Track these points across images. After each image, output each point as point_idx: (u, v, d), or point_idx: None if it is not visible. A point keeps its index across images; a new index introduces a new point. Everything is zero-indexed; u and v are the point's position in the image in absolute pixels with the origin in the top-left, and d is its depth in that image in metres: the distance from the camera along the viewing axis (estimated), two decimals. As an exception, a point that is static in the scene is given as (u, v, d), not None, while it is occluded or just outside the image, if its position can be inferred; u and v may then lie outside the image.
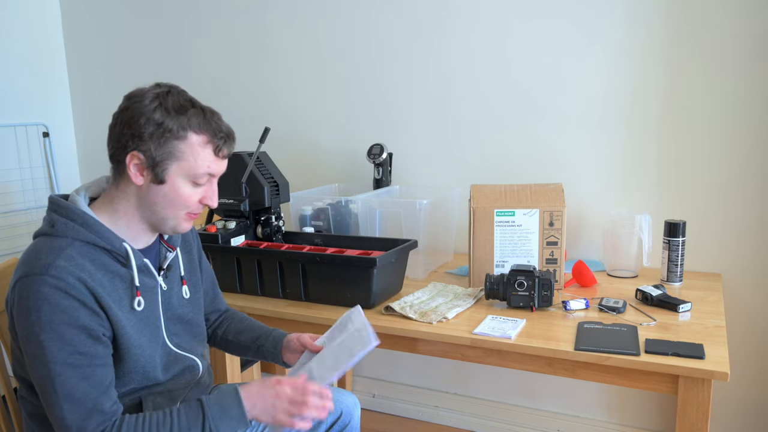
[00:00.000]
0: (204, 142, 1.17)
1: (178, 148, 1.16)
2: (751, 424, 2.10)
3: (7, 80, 2.73)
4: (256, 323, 1.51)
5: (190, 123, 1.16)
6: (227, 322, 1.52)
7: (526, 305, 1.67)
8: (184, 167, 1.17)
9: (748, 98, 1.93)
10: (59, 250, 1.11)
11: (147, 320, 1.23)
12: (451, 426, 2.49)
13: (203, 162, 1.18)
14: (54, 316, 1.08)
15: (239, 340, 1.48)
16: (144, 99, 1.16)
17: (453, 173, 2.34)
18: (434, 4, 2.25)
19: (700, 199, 2.03)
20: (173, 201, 1.18)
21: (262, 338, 1.45)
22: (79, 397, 1.10)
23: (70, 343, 1.09)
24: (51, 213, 1.18)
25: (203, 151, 1.17)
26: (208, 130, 1.18)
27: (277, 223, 1.99)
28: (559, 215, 1.80)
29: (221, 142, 1.19)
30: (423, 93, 2.33)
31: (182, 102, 1.17)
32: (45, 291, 1.08)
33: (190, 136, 1.16)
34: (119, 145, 1.17)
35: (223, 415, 1.16)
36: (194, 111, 1.17)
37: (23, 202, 2.80)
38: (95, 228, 1.16)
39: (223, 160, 1.22)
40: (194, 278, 1.39)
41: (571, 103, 2.13)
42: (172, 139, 1.15)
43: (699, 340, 1.45)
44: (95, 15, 2.89)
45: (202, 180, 1.20)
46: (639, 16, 2.00)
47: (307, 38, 2.48)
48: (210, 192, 1.23)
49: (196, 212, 1.24)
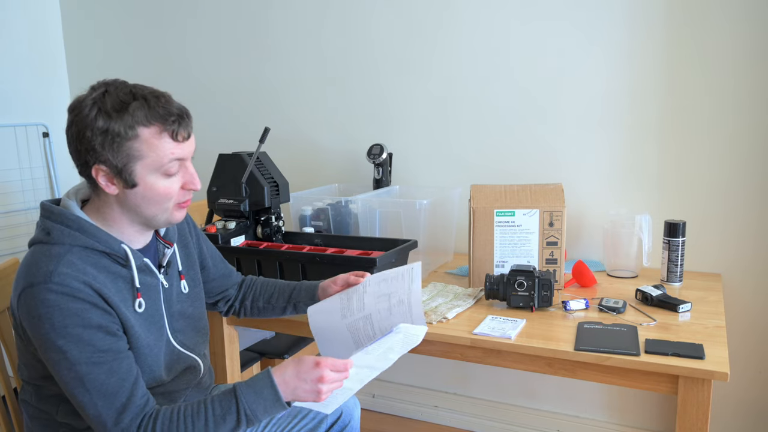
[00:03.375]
0: (157, 133, 1.12)
1: (134, 148, 1.11)
2: (751, 424, 2.10)
3: (7, 80, 2.73)
4: (280, 283, 1.51)
5: (136, 118, 1.10)
6: (252, 291, 1.52)
7: (526, 305, 1.67)
8: (148, 164, 1.13)
9: (748, 98, 1.93)
10: (59, 257, 1.10)
11: (152, 319, 1.23)
12: (451, 426, 2.49)
13: (164, 152, 1.13)
14: (67, 320, 1.07)
15: (272, 304, 1.49)
16: (83, 109, 1.11)
17: (453, 173, 2.34)
18: (435, 5, 2.25)
19: (700, 199, 2.03)
20: (153, 199, 1.16)
21: (294, 294, 1.46)
22: (111, 391, 1.10)
23: (89, 343, 1.09)
24: (45, 220, 1.16)
25: (160, 141, 1.12)
26: (156, 118, 1.11)
27: (277, 224, 1.99)
28: (559, 215, 1.80)
29: (175, 125, 1.13)
30: (423, 93, 2.33)
31: (121, 98, 1.11)
32: (52, 298, 1.07)
33: (141, 131, 1.11)
34: (80, 161, 1.14)
35: (256, 398, 1.13)
36: (136, 104, 1.11)
37: (23, 202, 2.80)
38: (92, 232, 1.14)
39: (185, 143, 1.16)
40: (192, 272, 1.38)
41: (571, 104, 2.13)
42: (124, 141, 1.10)
43: (699, 340, 1.45)
44: (95, 15, 2.89)
45: (172, 170, 1.15)
46: (639, 17, 2.00)
47: (307, 38, 2.48)
48: (188, 176, 1.19)
49: (184, 199, 1.21)
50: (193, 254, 1.41)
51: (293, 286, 1.49)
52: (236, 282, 1.56)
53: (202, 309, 1.39)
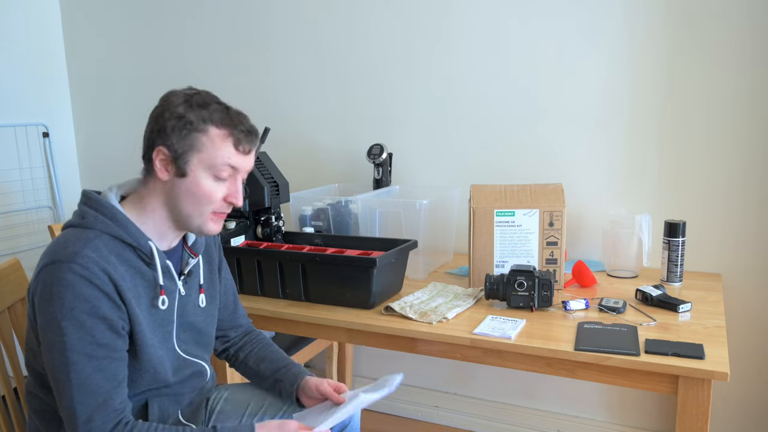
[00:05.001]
0: (224, 135, 1.18)
1: (199, 140, 1.17)
2: (751, 424, 2.10)
3: (7, 80, 2.73)
4: (279, 353, 1.48)
5: (212, 117, 1.18)
6: (250, 347, 1.49)
7: (526, 305, 1.67)
8: (204, 159, 1.17)
9: (748, 98, 1.93)
10: (87, 241, 1.13)
11: (161, 321, 1.23)
12: (451, 426, 2.50)
13: (223, 154, 1.18)
14: (76, 303, 1.09)
15: (259, 368, 1.45)
16: (172, 97, 1.19)
17: (453, 173, 2.34)
18: (435, 5, 2.25)
19: (700, 199, 2.03)
20: (195, 195, 1.18)
21: (281, 372, 1.42)
22: (91, 388, 1.10)
23: (89, 333, 1.10)
24: (82, 206, 1.20)
25: (223, 143, 1.18)
26: (228, 124, 1.19)
27: (277, 224, 1.99)
28: (559, 215, 1.80)
29: (242, 135, 1.19)
30: (423, 93, 2.33)
31: (207, 99, 1.20)
32: (69, 278, 1.09)
33: (210, 129, 1.17)
34: (148, 143, 1.20)
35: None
36: (217, 107, 1.20)
37: (23, 202, 2.80)
38: (123, 223, 1.17)
39: (245, 156, 1.21)
40: (212, 289, 1.38)
41: (571, 103, 2.13)
42: (193, 131, 1.16)
43: (699, 341, 1.45)
44: (95, 15, 2.89)
45: (223, 173, 1.19)
46: (638, 16, 2.00)
47: (307, 38, 2.48)
48: (234, 189, 1.22)
49: (222, 212, 1.23)
50: (215, 273, 1.41)
51: (283, 364, 1.45)
52: (241, 324, 1.53)
53: (212, 327, 1.38)
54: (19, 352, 1.47)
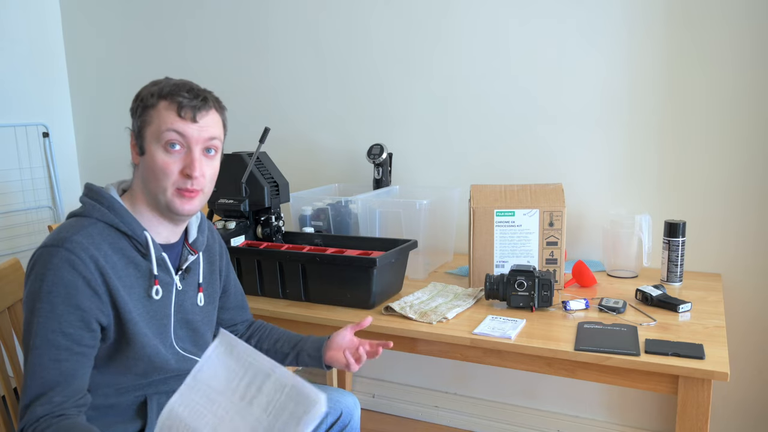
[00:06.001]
0: (168, 104, 1.19)
1: (150, 115, 1.19)
2: (751, 424, 2.10)
3: (7, 80, 2.73)
4: (290, 332, 1.52)
5: (162, 91, 1.19)
6: (259, 333, 1.53)
7: (526, 305, 1.67)
8: (153, 131, 1.19)
9: (748, 98, 1.93)
10: (81, 228, 1.15)
11: (156, 314, 1.23)
12: (451, 426, 2.49)
13: (165, 121, 1.18)
14: (53, 288, 1.10)
15: (276, 348, 1.48)
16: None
17: (453, 173, 2.34)
18: (435, 5, 2.25)
19: (700, 199, 2.03)
20: (153, 170, 1.19)
21: (300, 344, 1.45)
22: (42, 377, 1.10)
23: (58, 320, 1.10)
24: (83, 197, 1.24)
25: (166, 111, 1.19)
26: (172, 94, 1.19)
27: (277, 224, 2.00)
28: (559, 215, 1.80)
29: (184, 100, 1.18)
30: (423, 93, 2.33)
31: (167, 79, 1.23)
32: (55, 262, 1.11)
33: (159, 102, 1.19)
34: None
35: None
36: (170, 82, 1.22)
37: (23, 202, 2.80)
38: (119, 212, 1.19)
39: (190, 123, 1.19)
40: (211, 289, 1.38)
41: (571, 103, 2.13)
42: (146, 108, 1.20)
43: (699, 341, 1.45)
44: (95, 15, 2.89)
45: (171, 142, 1.17)
46: (638, 17, 2.00)
47: (307, 38, 2.48)
48: (188, 161, 1.19)
49: (185, 188, 1.19)
50: (217, 274, 1.41)
51: (300, 337, 1.49)
52: (247, 319, 1.55)
53: (208, 327, 1.38)
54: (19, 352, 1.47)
